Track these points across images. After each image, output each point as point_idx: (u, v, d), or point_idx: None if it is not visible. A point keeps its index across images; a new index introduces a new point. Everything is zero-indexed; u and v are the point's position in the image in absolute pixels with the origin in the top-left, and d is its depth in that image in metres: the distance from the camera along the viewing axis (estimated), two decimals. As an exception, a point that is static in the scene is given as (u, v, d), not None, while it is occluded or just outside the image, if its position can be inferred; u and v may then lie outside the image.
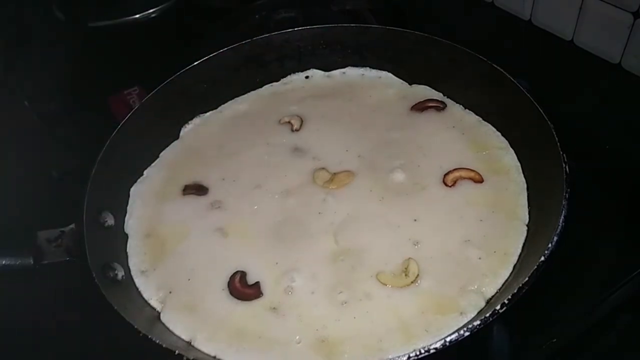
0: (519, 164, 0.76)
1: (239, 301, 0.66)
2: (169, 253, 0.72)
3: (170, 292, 0.68)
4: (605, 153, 0.89)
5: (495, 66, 0.79)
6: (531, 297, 0.73)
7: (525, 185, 0.74)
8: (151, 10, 1.18)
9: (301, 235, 0.72)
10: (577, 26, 0.96)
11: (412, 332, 0.61)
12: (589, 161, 0.83)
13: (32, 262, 0.62)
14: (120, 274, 0.68)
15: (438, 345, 0.53)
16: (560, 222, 0.60)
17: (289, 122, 0.88)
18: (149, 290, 0.69)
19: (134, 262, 0.72)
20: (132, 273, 0.70)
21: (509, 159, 0.77)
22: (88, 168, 0.74)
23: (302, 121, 0.88)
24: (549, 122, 0.70)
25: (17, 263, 0.60)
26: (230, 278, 0.68)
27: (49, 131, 0.96)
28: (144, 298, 0.68)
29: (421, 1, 1.15)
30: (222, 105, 0.93)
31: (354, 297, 0.65)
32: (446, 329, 0.59)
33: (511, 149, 0.78)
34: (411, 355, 0.52)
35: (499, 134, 0.81)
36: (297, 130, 0.87)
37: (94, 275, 0.62)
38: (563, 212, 0.61)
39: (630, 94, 0.93)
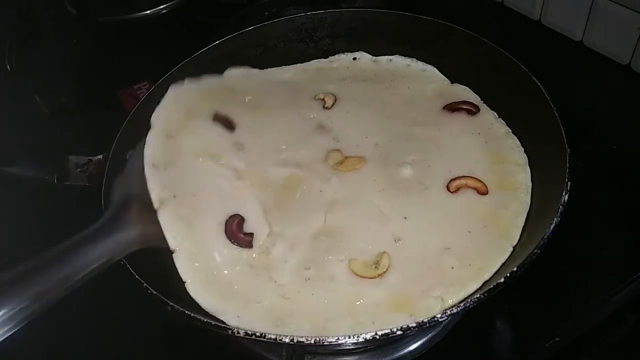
0: (530, 184, 0.73)
1: (229, 243, 0.70)
2: (182, 161, 0.76)
3: (174, 197, 0.72)
4: (614, 153, 0.89)
5: (533, 78, 0.76)
6: (536, 295, 0.75)
7: (528, 207, 0.71)
8: (161, 7, 1.21)
9: (297, 207, 0.75)
10: (587, 27, 0.94)
11: (360, 320, 0.62)
12: (597, 161, 0.86)
13: (55, 180, 0.71)
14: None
15: (368, 336, 0.54)
16: (534, 250, 0.58)
17: (323, 99, 0.90)
18: (154, 182, 0.72)
19: (149, 153, 0.75)
20: (145, 162, 0.74)
21: (523, 177, 0.74)
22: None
23: (335, 100, 0.90)
24: (567, 148, 0.67)
25: (41, 177, 0.70)
26: (230, 217, 0.72)
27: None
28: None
29: (430, 0, 1.13)
30: (269, 69, 0.97)
31: (319, 276, 0.67)
32: (392, 325, 0.60)
33: (528, 167, 0.75)
34: (341, 339, 0.54)
35: (522, 149, 0.78)
36: (327, 108, 0.89)
37: (102, 201, 0.70)
38: (542, 241, 0.59)
39: (640, 95, 0.91)
